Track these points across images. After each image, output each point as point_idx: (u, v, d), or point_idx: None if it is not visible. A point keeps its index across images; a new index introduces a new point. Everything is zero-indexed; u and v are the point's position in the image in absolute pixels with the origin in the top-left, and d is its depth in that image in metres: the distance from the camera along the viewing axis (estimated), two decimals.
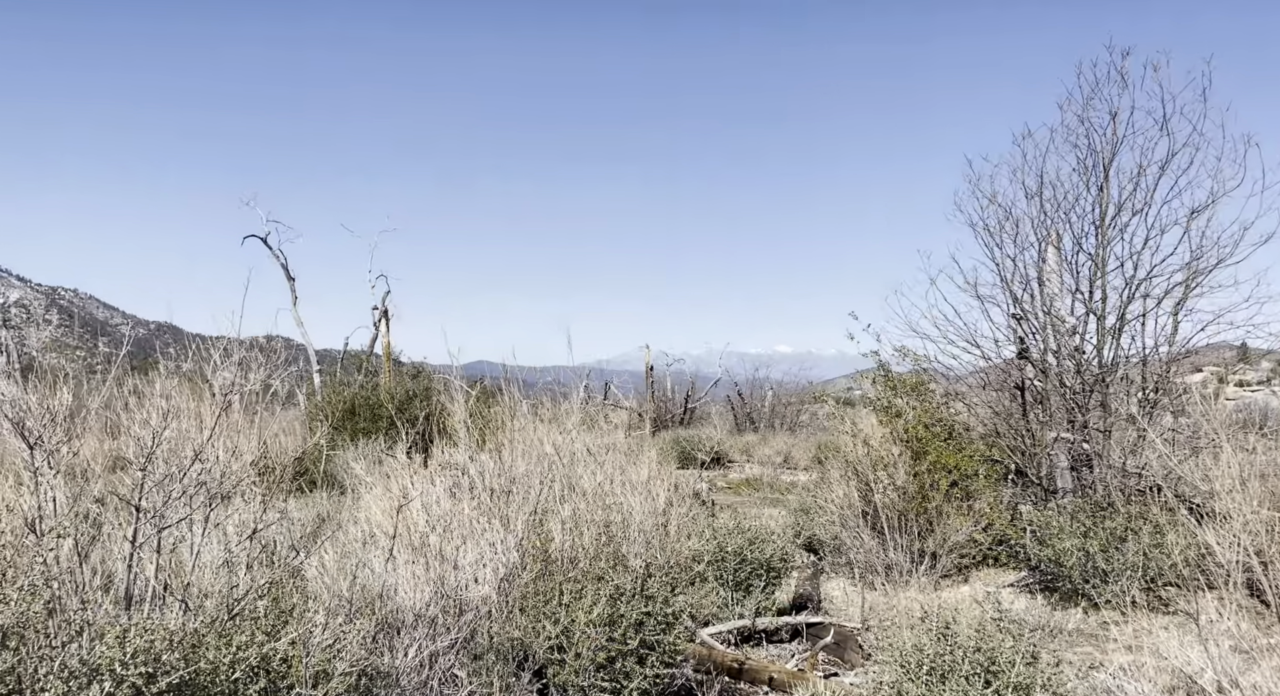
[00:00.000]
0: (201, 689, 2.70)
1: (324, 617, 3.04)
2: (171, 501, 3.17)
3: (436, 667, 3.82)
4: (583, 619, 3.97)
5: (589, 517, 4.79)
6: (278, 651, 3.00)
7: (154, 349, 41.75)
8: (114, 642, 2.27)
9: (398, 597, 3.99)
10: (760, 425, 24.29)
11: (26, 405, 3.31)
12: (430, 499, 5.01)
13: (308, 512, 6.67)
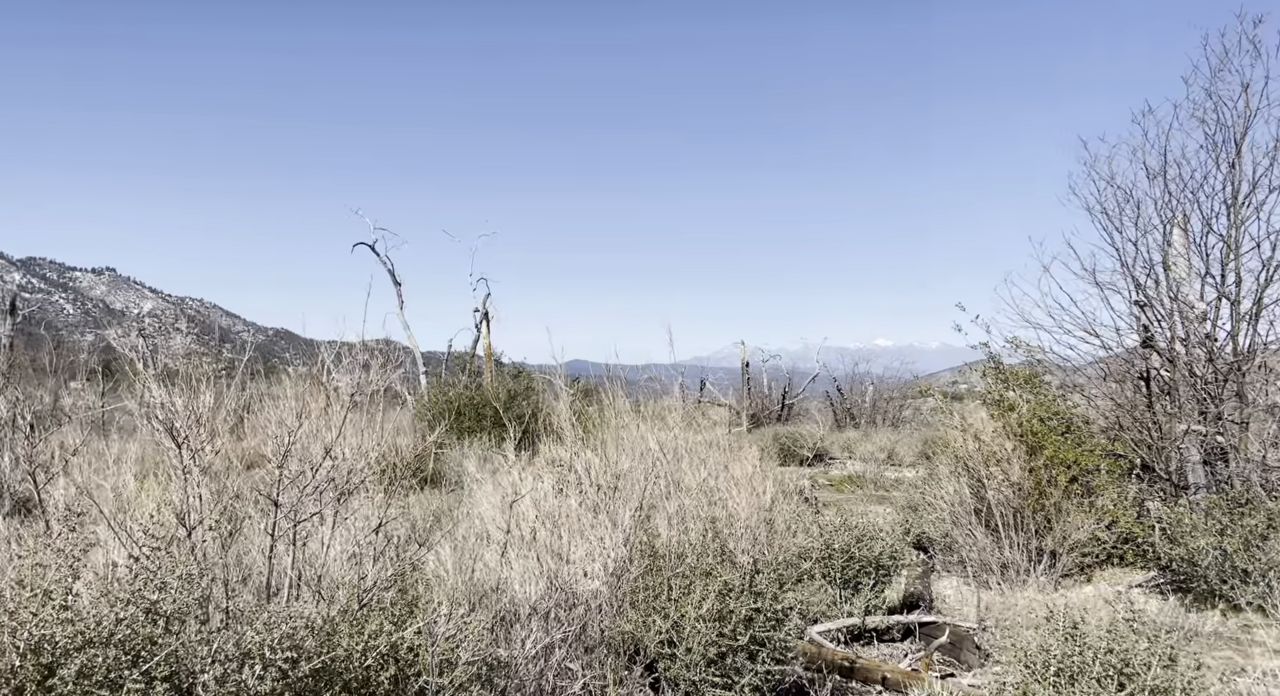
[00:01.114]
0: (337, 674, 2.86)
1: (447, 609, 3.15)
2: (304, 497, 3.36)
3: (551, 659, 3.91)
4: (693, 614, 3.99)
5: (695, 513, 4.81)
6: (405, 640, 3.14)
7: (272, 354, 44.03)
8: (262, 628, 2.42)
9: (512, 591, 4.11)
10: (861, 421, 23.80)
11: (174, 408, 3.57)
12: (538, 495, 5.12)
13: (420, 509, 6.93)
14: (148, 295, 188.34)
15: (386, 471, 4.08)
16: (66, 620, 2.15)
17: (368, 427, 3.82)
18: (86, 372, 26.26)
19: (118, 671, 2.15)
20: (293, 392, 3.38)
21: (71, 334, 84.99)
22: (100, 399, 20.07)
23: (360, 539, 3.75)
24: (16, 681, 2.01)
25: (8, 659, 2.00)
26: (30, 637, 2.05)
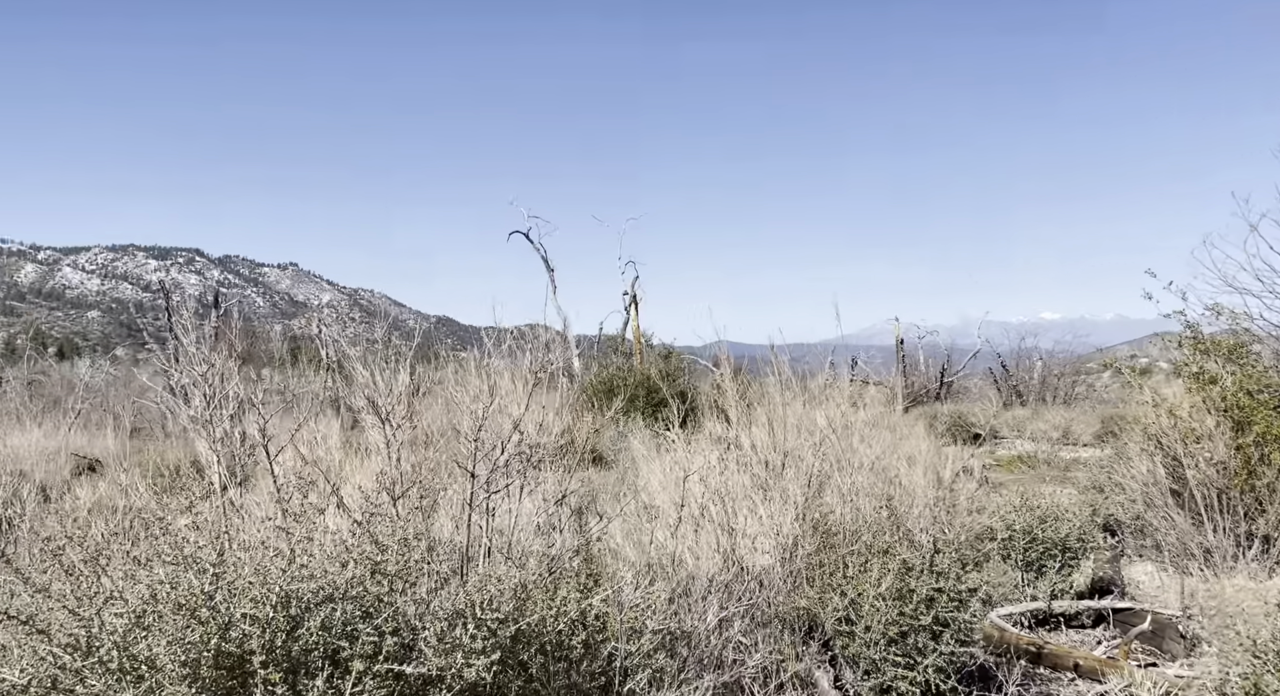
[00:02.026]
0: (535, 637, 3.02)
1: (632, 579, 3.26)
2: (496, 469, 3.56)
3: (728, 632, 3.97)
4: (871, 592, 3.92)
5: (868, 491, 4.71)
6: (593, 607, 3.27)
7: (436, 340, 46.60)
8: (474, 590, 2.59)
9: (687, 564, 4.19)
10: (1029, 398, 22.48)
11: (378, 387, 3.86)
12: (705, 471, 5.18)
13: (584, 485, 7.17)
14: (326, 287, 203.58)
15: (565, 448, 4.25)
16: (309, 577, 2.37)
17: (550, 407, 3.99)
18: (278, 359, 28.82)
19: (353, 624, 2.37)
20: (488, 370, 3.58)
21: (262, 324, 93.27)
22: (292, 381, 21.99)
23: (545, 510, 3.93)
24: (270, 631, 2.24)
25: (263, 610, 2.24)
26: (280, 592, 2.28)
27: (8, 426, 14.69)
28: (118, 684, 1.97)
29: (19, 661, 2.04)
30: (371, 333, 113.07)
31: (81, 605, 2.06)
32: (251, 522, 3.66)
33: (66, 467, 11.57)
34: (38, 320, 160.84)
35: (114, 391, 25.98)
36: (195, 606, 2.11)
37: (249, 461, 4.11)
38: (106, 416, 21.53)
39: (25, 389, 27.82)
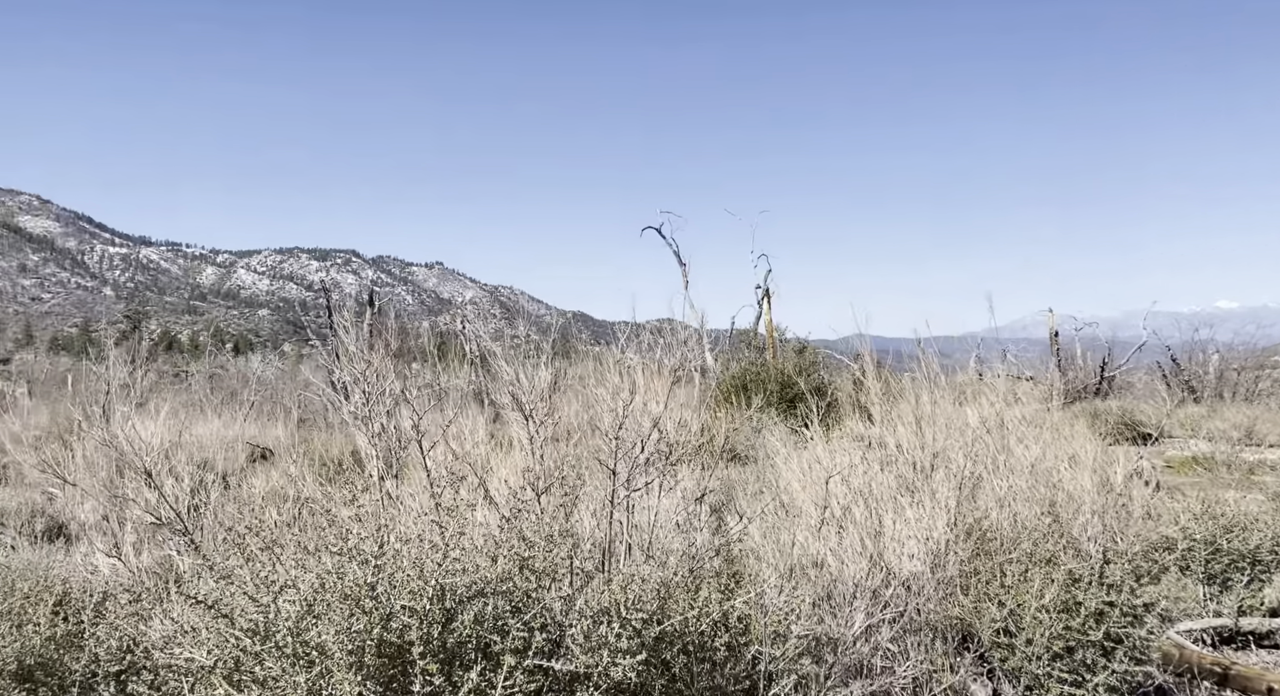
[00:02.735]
0: (678, 637, 3.00)
1: (776, 582, 3.18)
2: (636, 467, 3.57)
3: (874, 639, 3.82)
4: (1033, 603, 3.68)
5: (1027, 495, 4.42)
6: (735, 609, 3.22)
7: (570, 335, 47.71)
8: (619, 589, 2.59)
9: (830, 568, 4.06)
10: (1204, 394, 20.59)
11: (521, 382, 3.95)
12: (846, 471, 5.01)
13: (723, 483, 7.10)
14: (469, 285, 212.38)
15: (703, 445, 4.21)
16: (462, 570, 2.44)
17: (688, 404, 3.96)
18: (426, 354, 30.19)
19: (503, 619, 2.42)
20: (625, 368, 3.59)
21: (411, 321, 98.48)
22: (437, 376, 23.04)
23: (684, 508, 3.91)
24: (427, 623, 2.32)
25: (420, 602, 2.32)
26: (436, 586, 2.36)
27: (193, 416, 16.13)
28: (292, 668, 2.09)
29: (206, 642, 2.21)
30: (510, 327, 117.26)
31: (260, 592, 2.20)
32: (407, 515, 3.83)
33: (242, 455, 12.56)
34: (217, 318, 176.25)
35: (282, 384, 28.11)
36: (359, 596, 2.22)
37: (403, 454, 4.29)
38: (276, 408, 23.32)
39: (207, 382, 30.59)
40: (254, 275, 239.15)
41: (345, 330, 3.70)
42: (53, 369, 43.32)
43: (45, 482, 10.65)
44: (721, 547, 3.73)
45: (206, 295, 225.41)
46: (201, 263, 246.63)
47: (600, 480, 4.01)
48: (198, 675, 2.25)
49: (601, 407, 3.66)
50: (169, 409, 14.16)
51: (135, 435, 4.21)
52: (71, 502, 8.17)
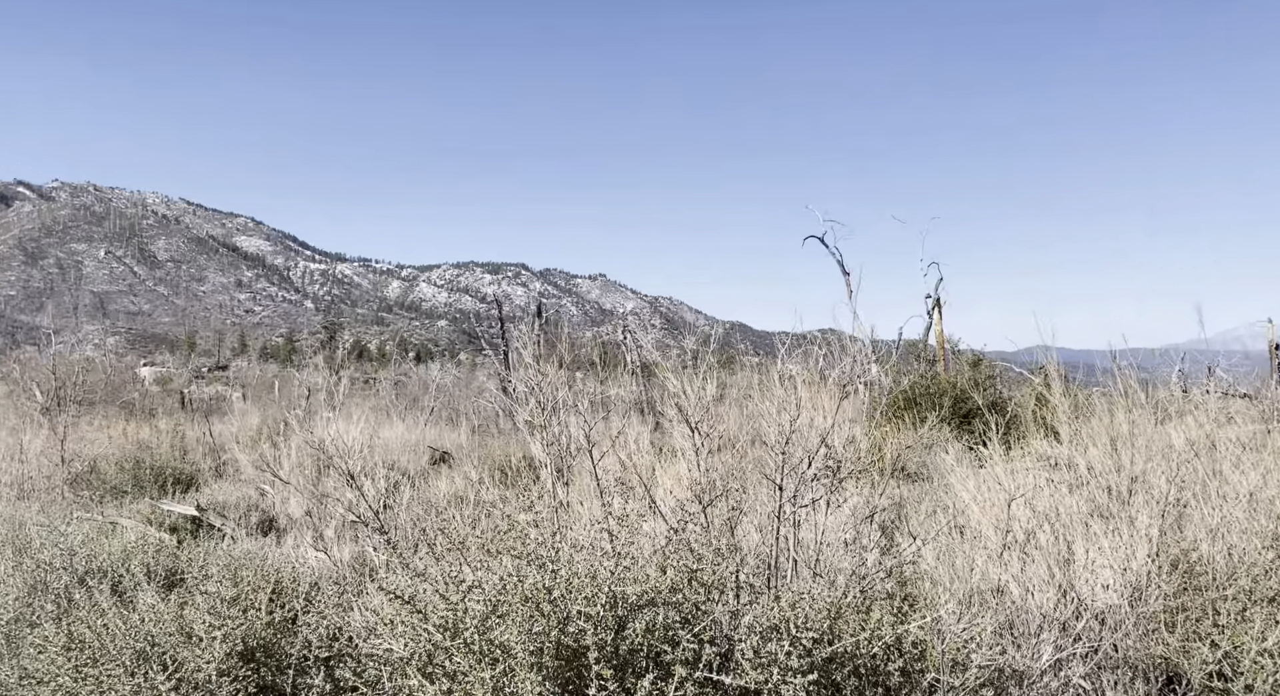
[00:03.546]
0: (849, 659, 2.93)
1: (955, 607, 3.04)
2: (803, 482, 3.52)
3: (1064, 674, 3.56)
4: (1254, 646, 3.30)
5: (1245, 526, 3.98)
6: (909, 633, 3.10)
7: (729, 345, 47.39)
8: (788, 606, 2.57)
9: (1013, 595, 3.83)
10: None
11: (686, 394, 4.00)
12: (1031, 493, 4.70)
13: (893, 501, 6.84)
14: (630, 296, 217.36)
15: (873, 462, 4.09)
16: (633, 580, 2.50)
17: (856, 419, 3.86)
18: (589, 364, 31.01)
19: (673, 630, 2.45)
20: (792, 381, 3.55)
21: (575, 331, 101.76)
22: (601, 386, 23.61)
23: (854, 526, 3.81)
24: (601, 629, 2.39)
25: (595, 609, 2.39)
26: (609, 593, 2.42)
27: (380, 421, 17.39)
28: (478, 664, 2.22)
29: (402, 635, 2.39)
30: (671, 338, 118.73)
31: (449, 590, 2.35)
32: (579, 521, 3.97)
33: (424, 458, 13.42)
34: (401, 329, 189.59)
35: (458, 391, 29.87)
36: (539, 600, 2.32)
37: (573, 462, 4.45)
38: (453, 414, 24.79)
39: (392, 388, 32.99)
40: (434, 288, 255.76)
41: (521, 343, 3.88)
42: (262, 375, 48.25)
43: (258, 479, 11.85)
44: (893, 569, 3.60)
45: (392, 307, 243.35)
46: (388, 277, 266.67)
47: (765, 494, 3.98)
48: (395, 665, 2.43)
49: (766, 421, 3.64)
50: (359, 413, 15.36)
51: (338, 438, 4.61)
52: (280, 498, 9.04)
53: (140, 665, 2.56)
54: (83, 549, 4.37)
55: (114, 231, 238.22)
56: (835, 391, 3.83)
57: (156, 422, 19.91)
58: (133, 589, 3.60)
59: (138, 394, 31.68)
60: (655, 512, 3.79)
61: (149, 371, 49.46)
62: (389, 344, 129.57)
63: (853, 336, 19.41)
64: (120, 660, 2.55)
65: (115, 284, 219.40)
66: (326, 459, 9.28)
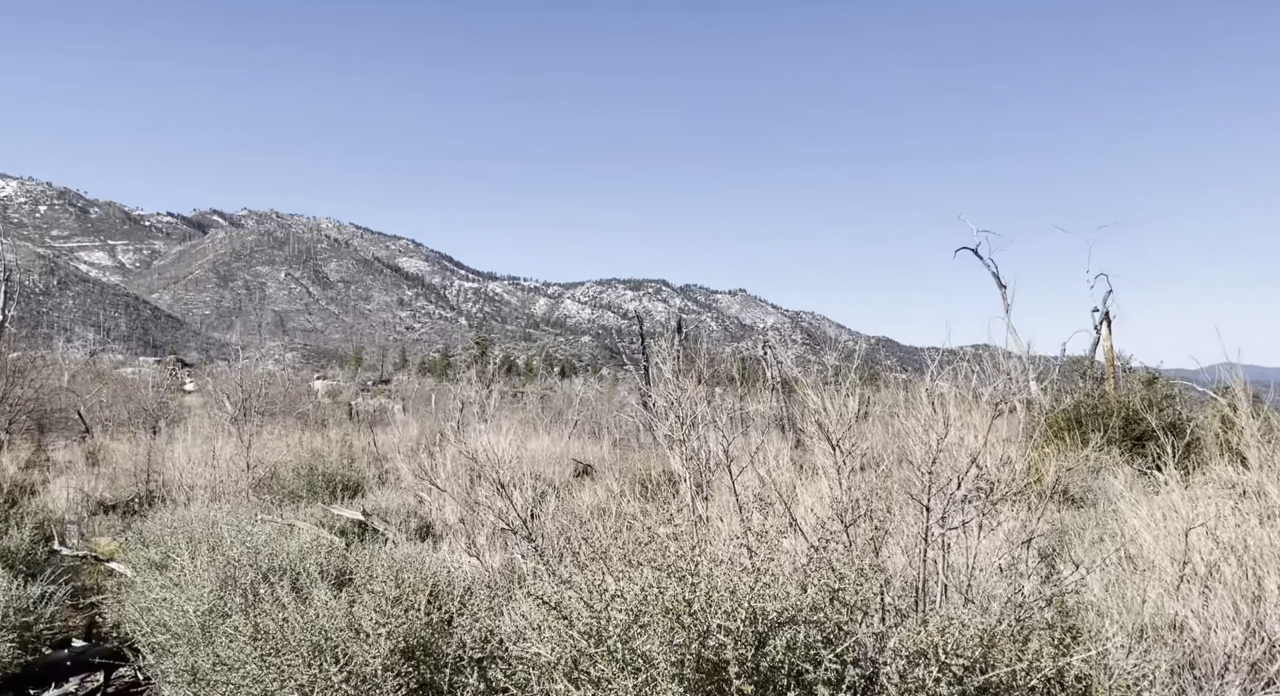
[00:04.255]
0: (1005, 689, 2.79)
1: (1124, 642, 2.83)
2: (953, 503, 3.38)
3: None
4: None
5: None
6: (1072, 667, 2.91)
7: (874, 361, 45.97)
8: (936, 631, 2.48)
9: (1193, 632, 3.51)
10: None
11: (827, 411, 3.94)
12: (1214, 522, 4.30)
13: (1053, 526, 6.43)
14: (770, 311, 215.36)
15: (1029, 484, 3.88)
16: (773, 597, 2.49)
17: (1011, 438, 3.68)
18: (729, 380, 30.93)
19: (815, 649, 2.42)
20: (941, 399, 3.43)
21: (715, 347, 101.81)
22: (742, 401, 23.46)
23: (1009, 550, 3.62)
24: (741, 644, 2.40)
25: (734, 623, 2.40)
26: (749, 609, 2.43)
27: (528, 433, 18.01)
28: (620, 672, 2.28)
29: (549, 640, 2.48)
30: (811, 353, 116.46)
31: (594, 599, 2.43)
32: (717, 536, 3.98)
33: (568, 470, 13.79)
34: (547, 344, 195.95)
35: (600, 406, 30.52)
36: (679, 612, 2.36)
37: (712, 477, 4.46)
38: (596, 427, 25.33)
39: (539, 402, 34.12)
40: (578, 305, 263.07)
41: (661, 358, 3.95)
42: (420, 388, 51.09)
43: (416, 487, 12.55)
44: (1054, 598, 3.39)
45: (539, 323, 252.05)
46: (535, 294, 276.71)
47: (911, 515, 3.85)
48: (543, 669, 2.53)
49: (913, 440, 3.53)
50: (507, 426, 15.94)
51: (490, 449, 4.84)
52: (436, 505, 9.54)
53: (316, 657, 2.80)
54: (266, 548, 4.80)
55: (293, 255, 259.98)
56: (988, 410, 3.66)
57: (327, 432, 21.46)
58: (308, 586, 3.92)
59: (311, 405, 34.27)
60: (795, 530, 3.74)
61: (321, 384, 53.43)
62: (535, 359, 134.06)
63: (1008, 352, 18.38)
64: (299, 651, 2.79)
65: (293, 303, 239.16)
66: (479, 469, 9.72)
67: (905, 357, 68.81)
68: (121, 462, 15.65)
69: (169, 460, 13.44)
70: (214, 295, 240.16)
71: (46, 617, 5.30)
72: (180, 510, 8.74)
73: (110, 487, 13.86)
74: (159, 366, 52.76)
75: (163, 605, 4.32)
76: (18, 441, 17.94)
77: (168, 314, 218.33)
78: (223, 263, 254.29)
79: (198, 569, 4.45)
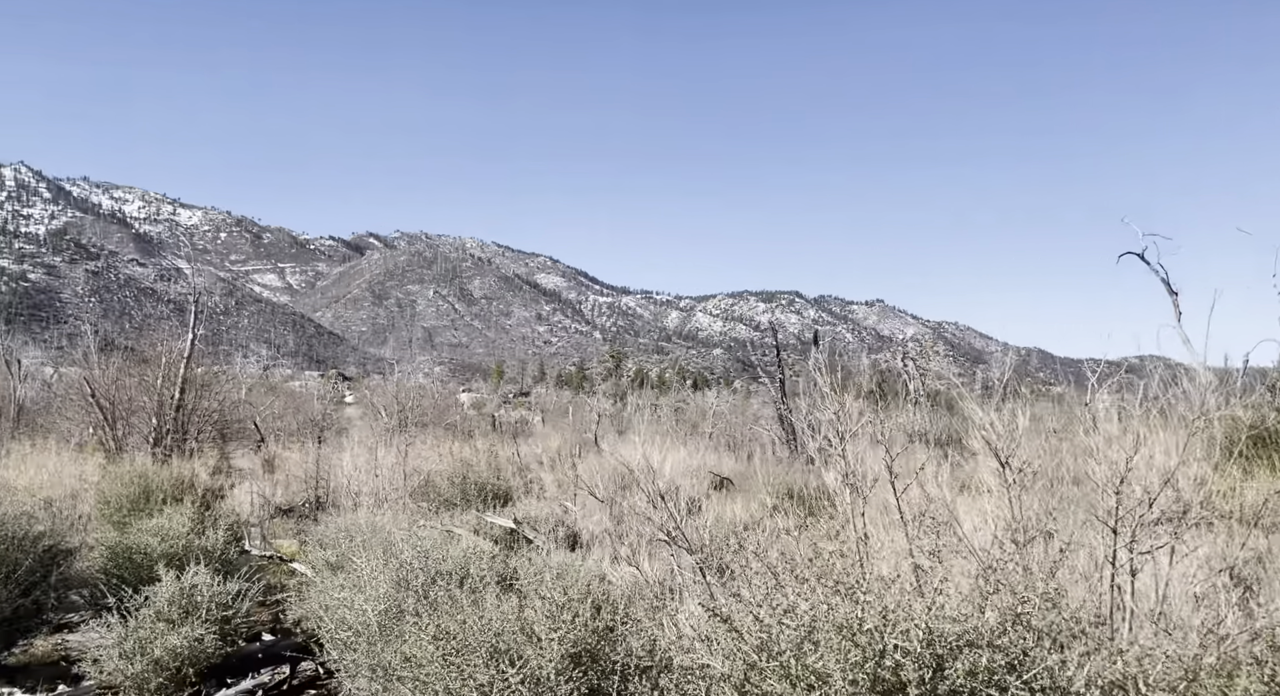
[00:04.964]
0: None
1: None
2: (1142, 526, 3.15)
3: None
4: None
5: None
6: None
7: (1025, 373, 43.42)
8: (1133, 661, 2.33)
9: None
10: None
11: (993, 426, 3.77)
12: None
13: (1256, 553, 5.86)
14: (910, 321, 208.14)
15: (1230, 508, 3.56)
16: (950, 618, 2.40)
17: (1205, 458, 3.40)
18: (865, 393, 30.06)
19: (999, 675, 2.32)
20: (1108, 414, 3.22)
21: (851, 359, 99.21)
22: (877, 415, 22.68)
23: (1205, 578, 3.34)
24: (918, 666, 2.33)
25: (911, 644, 2.34)
26: (924, 629, 2.36)
27: (663, 446, 18.08)
28: (792, 689, 2.27)
29: (718, 652, 2.50)
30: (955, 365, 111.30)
31: (765, 613, 2.43)
32: (879, 554, 3.88)
33: (705, 483, 13.78)
34: (679, 357, 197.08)
35: (735, 418, 30.33)
36: (853, 630, 2.32)
37: (869, 493, 4.36)
38: (731, 440, 25.18)
39: (673, 414, 34.31)
40: (709, 317, 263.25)
41: (817, 370, 3.90)
42: (558, 400, 52.51)
43: (559, 497, 12.88)
44: (1262, 631, 3.10)
45: (671, 336, 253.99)
46: (667, 308, 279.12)
47: (1092, 537, 3.62)
48: (712, 681, 2.54)
49: (1094, 458, 3.32)
50: (643, 438, 16.10)
51: (645, 460, 4.92)
52: (582, 514, 9.76)
53: (493, 659, 2.93)
54: (434, 552, 5.06)
55: (440, 273, 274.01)
56: (1179, 426, 3.39)
57: (474, 443, 22.39)
58: (478, 590, 4.11)
59: (458, 417, 35.87)
60: (965, 550, 3.59)
61: (466, 397, 55.84)
62: (668, 372, 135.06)
63: (1182, 364, 16.99)
64: (480, 652, 2.93)
65: (440, 319, 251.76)
66: (627, 479, 9.87)
67: (1061, 369, 64.64)
68: (293, 469, 16.91)
69: (336, 468, 14.39)
70: (369, 312, 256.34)
71: (242, 612, 5.80)
72: (349, 515, 9.35)
73: (285, 493, 15.01)
74: (323, 380, 56.78)
75: (344, 605, 4.63)
76: (205, 449, 19.69)
77: (329, 330, 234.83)
78: (377, 282, 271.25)
79: (374, 571, 4.75)
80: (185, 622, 5.14)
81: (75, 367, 24.14)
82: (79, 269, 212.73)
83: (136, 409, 18.93)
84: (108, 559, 6.79)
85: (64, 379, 29.16)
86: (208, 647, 5.13)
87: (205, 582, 5.49)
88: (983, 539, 3.95)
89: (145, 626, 5.05)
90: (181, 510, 7.56)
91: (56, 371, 34.93)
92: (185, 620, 5.17)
